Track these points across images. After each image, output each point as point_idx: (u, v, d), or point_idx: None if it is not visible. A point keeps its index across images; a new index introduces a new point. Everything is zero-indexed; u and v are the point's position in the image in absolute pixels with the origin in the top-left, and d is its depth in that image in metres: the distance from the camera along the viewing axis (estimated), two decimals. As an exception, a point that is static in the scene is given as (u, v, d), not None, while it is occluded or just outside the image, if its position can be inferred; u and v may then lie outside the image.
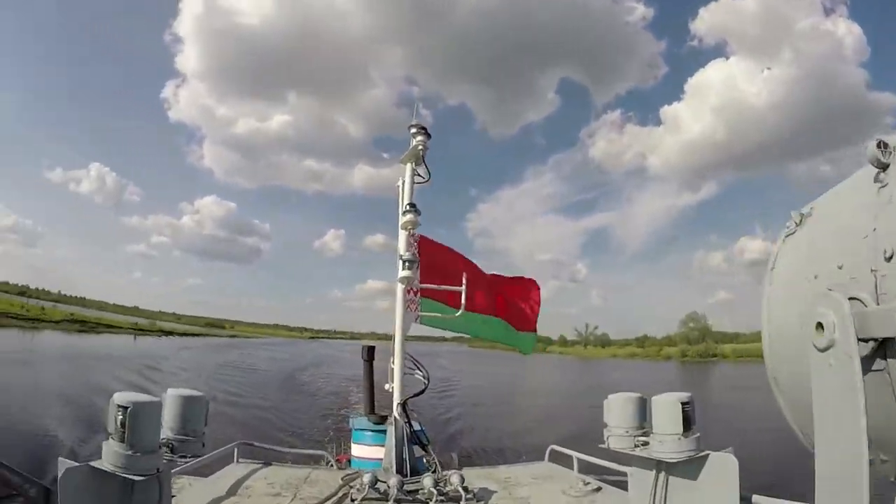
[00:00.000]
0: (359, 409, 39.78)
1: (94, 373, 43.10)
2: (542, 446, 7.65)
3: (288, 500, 5.46)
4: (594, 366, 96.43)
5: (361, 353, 16.10)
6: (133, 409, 3.29)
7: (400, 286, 7.06)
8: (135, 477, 3.24)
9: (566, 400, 47.96)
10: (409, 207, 7.10)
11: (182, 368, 56.95)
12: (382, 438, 10.90)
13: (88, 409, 27.68)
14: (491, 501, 5.60)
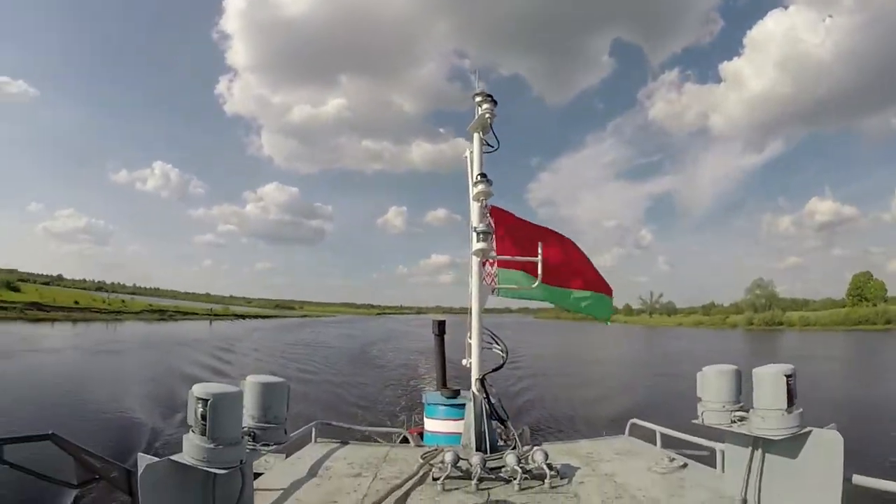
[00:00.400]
0: (426, 380, 40.64)
1: (175, 357, 45.37)
2: (613, 417, 7.35)
3: (369, 480, 5.37)
4: (659, 334, 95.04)
5: (432, 328, 16.03)
6: (213, 401, 3.19)
7: (475, 259, 6.81)
8: (217, 470, 3.16)
9: (632, 369, 47.36)
10: (480, 177, 6.76)
11: (254, 349, 59.46)
12: (456, 413, 10.81)
13: (170, 392, 29.80)
14: (575, 478, 5.37)
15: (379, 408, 30.99)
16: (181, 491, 3.25)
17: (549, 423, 23.97)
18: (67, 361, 40.31)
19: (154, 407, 23.94)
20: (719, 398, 4.29)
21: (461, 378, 22.20)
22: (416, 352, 62.48)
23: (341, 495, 4.88)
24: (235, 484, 3.69)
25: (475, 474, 5.15)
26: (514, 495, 4.92)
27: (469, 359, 6.98)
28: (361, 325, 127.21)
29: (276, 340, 72.38)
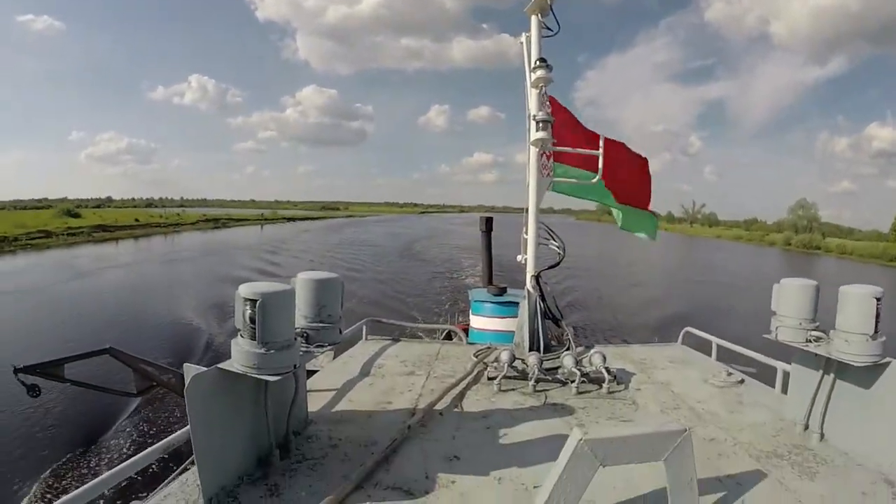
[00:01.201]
0: (467, 272, 41.34)
1: (233, 260, 49.25)
2: (654, 322, 7.07)
3: (422, 379, 5.34)
4: (697, 244, 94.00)
5: (479, 225, 15.92)
6: (263, 302, 2.89)
7: (533, 149, 6.42)
8: (269, 377, 2.92)
9: (670, 274, 47.46)
10: (540, 62, 6.24)
11: (303, 249, 62.01)
12: (502, 310, 10.84)
13: (226, 295, 31.68)
14: (631, 384, 5.27)
15: (426, 305, 31.60)
16: (231, 399, 3.06)
17: (590, 324, 24.29)
18: (145, 273, 43.49)
19: (218, 305, 26.95)
20: (797, 314, 3.95)
21: (503, 274, 21.91)
22: (458, 248, 65.05)
23: (395, 394, 4.85)
24: (289, 388, 3.56)
25: (532, 375, 5.08)
26: (572, 399, 4.84)
27: (524, 255, 6.71)
28: (405, 224, 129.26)
29: (324, 240, 75.52)
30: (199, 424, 2.77)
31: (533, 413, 4.46)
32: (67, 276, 39.94)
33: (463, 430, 4.07)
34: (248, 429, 3.23)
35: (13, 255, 52.84)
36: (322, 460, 3.50)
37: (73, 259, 50.30)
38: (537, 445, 3.79)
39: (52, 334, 22.29)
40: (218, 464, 2.97)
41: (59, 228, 72.69)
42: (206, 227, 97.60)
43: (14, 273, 42.15)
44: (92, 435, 13.07)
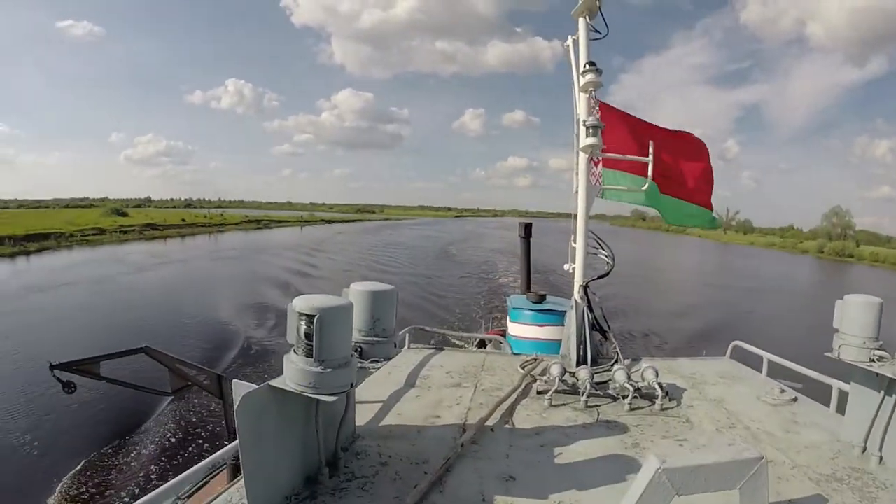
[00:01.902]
0: (501, 273, 41.28)
1: (274, 259, 52.19)
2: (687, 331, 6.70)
3: (470, 391, 5.06)
4: (729, 251, 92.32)
5: (518, 230, 15.59)
6: (321, 317, 2.64)
7: (582, 156, 6.09)
8: (326, 397, 2.68)
9: (696, 278, 47.08)
10: (589, 66, 5.94)
11: (342, 249, 64.58)
12: (541, 318, 10.52)
13: (284, 283, 33.64)
14: (683, 401, 4.95)
15: (463, 302, 32.97)
16: (281, 416, 2.83)
17: (623, 333, 23.77)
18: (201, 268, 46.97)
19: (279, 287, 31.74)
20: (861, 332, 3.68)
21: (538, 283, 21.39)
22: (493, 251, 66.79)
23: (443, 408, 4.59)
24: (339, 402, 3.28)
25: (584, 391, 4.79)
26: (624, 416, 4.56)
27: (572, 264, 6.36)
28: (441, 227, 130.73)
29: (362, 241, 77.58)
30: (249, 443, 2.59)
31: (586, 431, 4.20)
32: (129, 270, 43.54)
33: (516, 447, 3.83)
34: (297, 446, 3.03)
35: (69, 250, 55.69)
36: (373, 479, 3.28)
37: (128, 255, 53.71)
38: (594, 467, 3.54)
39: (126, 318, 25.48)
40: (266, 484, 2.78)
41: (111, 226, 75.85)
42: (248, 228, 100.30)
43: (77, 265, 45.73)
44: (126, 429, 13.44)
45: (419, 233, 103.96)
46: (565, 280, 6.71)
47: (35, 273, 41.63)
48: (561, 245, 6.91)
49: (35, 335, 21.90)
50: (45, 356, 17.57)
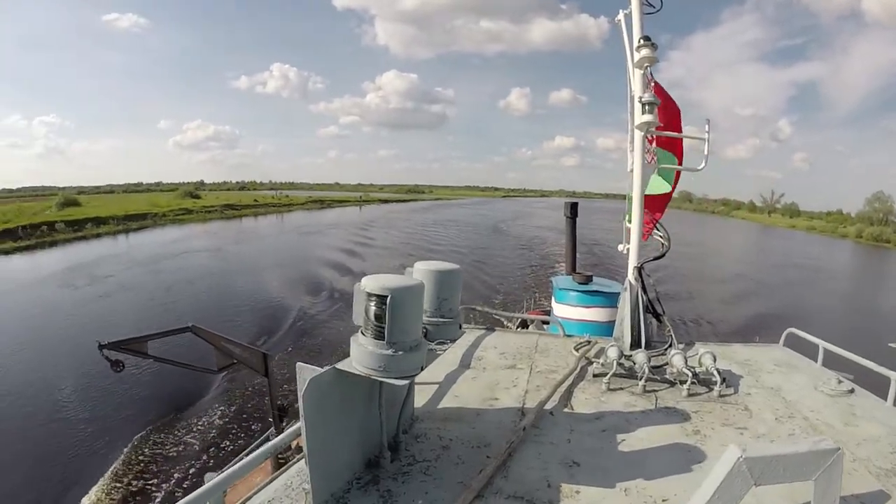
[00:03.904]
0: (550, 246, 40.80)
1: (355, 231, 56.53)
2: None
3: (525, 373, 4.90)
4: (768, 234, 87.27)
5: (564, 210, 15.01)
6: (393, 298, 2.42)
7: (638, 133, 5.67)
8: (397, 381, 2.51)
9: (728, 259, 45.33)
10: (644, 41, 5.51)
11: (404, 225, 67.33)
12: (587, 299, 10.09)
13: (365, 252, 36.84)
14: (741, 388, 4.65)
15: (514, 273, 33.75)
16: (345, 399, 2.68)
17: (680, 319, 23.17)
18: (288, 241, 50.09)
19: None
20: None
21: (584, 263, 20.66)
22: (541, 227, 67.63)
23: (500, 390, 4.45)
24: (402, 386, 3.06)
25: (642, 375, 4.58)
26: (682, 402, 4.33)
27: (626, 244, 6.00)
28: (491, 206, 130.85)
29: (420, 219, 79.96)
30: (314, 427, 2.45)
31: (646, 417, 4.01)
32: (230, 242, 48.33)
33: (577, 432, 3.67)
34: (359, 429, 2.90)
35: (163, 228, 59.08)
36: (434, 463, 3.15)
37: (218, 231, 57.92)
38: (657, 454, 3.36)
39: (250, 278, 30.36)
40: (329, 468, 2.66)
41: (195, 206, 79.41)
42: (313, 207, 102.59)
43: (180, 240, 49.50)
44: (186, 402, 13.78)
45: (472, 211, 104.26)
46: (605, 253, 6.38)
47: (151, 246, 45.14)
48: (606, 224, 6.57)
49: (177, 291, 26.94)
50: (195, 304, 21.77)
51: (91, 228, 53.36)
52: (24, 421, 12.80)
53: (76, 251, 42.62)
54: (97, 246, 45.86)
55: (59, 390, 14.15)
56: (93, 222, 55.32)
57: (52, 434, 12.22)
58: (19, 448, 11.62)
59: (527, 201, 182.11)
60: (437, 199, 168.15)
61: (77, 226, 53.08)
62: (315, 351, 18.06)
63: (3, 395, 14.05)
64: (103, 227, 54.74)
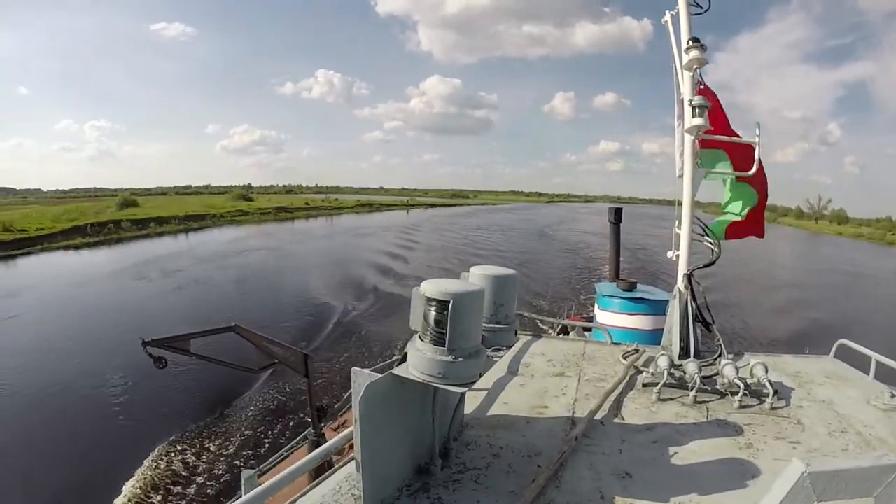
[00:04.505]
0: (590, 253, 40.46)
1: (405, 233, 58.77)
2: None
3: (574, 381, 4.74)
4: (813, 241, 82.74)
5: (608, 216, 14.53)
6: (454, 304, 2.31)
7: (688, 137, 5.35)
8: (456, 388, 2.39)
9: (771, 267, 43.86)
10: (692, 42, 5.21)
11: (452, 228, 69.23)
12: (631, 307, 9.71)
13: (375, 263, 37.11)
14: (792, 401, 4.39)
15: (559, 276, 34.25)
16: (399, 404, 2.59)
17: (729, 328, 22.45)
18: (343, 241, 52.94)
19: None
20: None
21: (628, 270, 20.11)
22: (586, 232, 67.90)
23: (549, 398, 4.31)
24: (455, 393, 2.92)
25: (693, 385, 4.36)
26: (734, 414, 4.09)
27: (676, 251, 5.68)
28: (536, 211, 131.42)
29: (467, 223, 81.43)
30: (368, 433, 2.37)
31: (697, 428, 3.80)
32: (287, 242, 51.08)
33: (628, 442, 3.51)
34: (411, 435, 2.81)
35: (220, 228, 61.67)
36: (486, 471, 3.03)
37: (275, 232, 60.64)
38: (711, 467, 3.18)
39: (311, 274, 32.53)
40: (381, 474, 2.57)
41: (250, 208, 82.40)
42: (362, 211, 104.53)
43: (242, 239, 52.43)
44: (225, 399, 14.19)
45: (517, 216, 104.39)
46: (648, 258, 6.06)
47: (212, 244, 47.91)
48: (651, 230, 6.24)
49: (245, 285, 29.46)
50: (261, 297, 24.69)
51: (154, 227, 56.32)
52: (84, 406, 13.71)
53: (142, 248, 45.66)
54: (161, 243, 48.85)
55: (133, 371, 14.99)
56: (155, 221, 58.33)
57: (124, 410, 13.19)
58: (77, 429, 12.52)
59: (571, 206, 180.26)
60: (482, 204, 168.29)
61: (141, 224, 56.06)
62: (364, 348, 18.70)
63: (84, 376, 15.15)
64: (166, 227, 57.67)
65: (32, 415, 13.16)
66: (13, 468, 10.84)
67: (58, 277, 32.53)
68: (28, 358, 17.00)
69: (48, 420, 12.91)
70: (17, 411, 13.38)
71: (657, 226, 69.48)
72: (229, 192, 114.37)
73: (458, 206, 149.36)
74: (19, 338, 19.51)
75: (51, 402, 13.85)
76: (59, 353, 17.37)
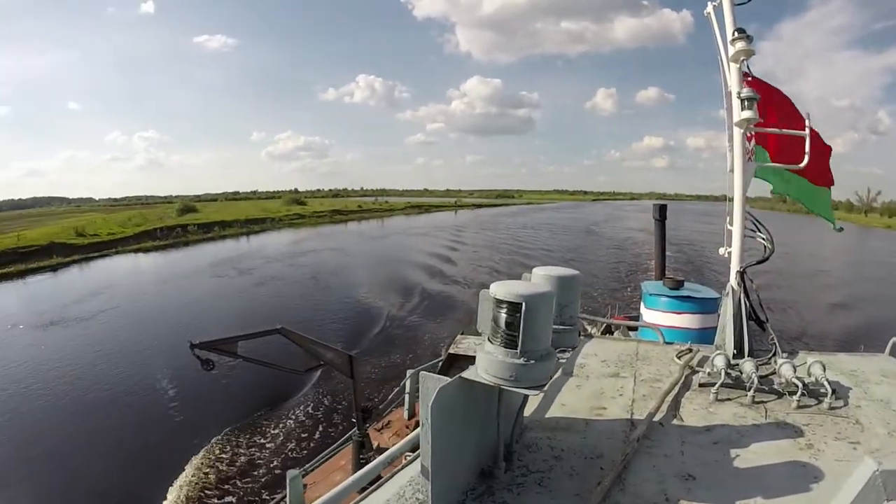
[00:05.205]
0: (638, 249, 39.63)
1: (456, 233, 60.28)
2: None
3: (630, 382, 4.59)
4: (863, 235, 77.33)
5: (653, 213, 14.02)
6: (528, 306, 2.24)
7: (737, 131, 5.12)
8: (528, 392, 2.32)
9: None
10: (738, 33, 4.97)
11: (502, 227, 69.65)
12: (678, 305, 9.32)
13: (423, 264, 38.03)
14: (850, 401, 4.15)
15: (607, 271, 34.42)
16: (468, 409, 2.53)
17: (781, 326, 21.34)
18: (403, 241, 55.04)
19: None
20: None
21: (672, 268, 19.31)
22: (632, 229, 67.06)
23: (606, 399, 4.18)
24: (519, 395, 2.79)
25: (750, 385, 4.16)
26: (792, 414, 3.90)
27: (728, 248, 5.47)
28: (582, 210, 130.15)
29: (515, 221, 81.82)
30: (437, 437, 2.30)
31: (757, 430, 3.66)
32: (348, 242, 53.63)
33: (688, 444, 3.39)
34: (476, 439, 2.75)
35: (279, 231, 63.92)
36: (548, 474, 2.95)
37: (333, 234, 62.85)
38: (773, 469, 3.06)
39: (374, 272, 34.43)
40: (447, 479, 2.51)
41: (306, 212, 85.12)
42: (412, 213, 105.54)
43: (303, 240, 54.57)
44: (282, 397, 14.61)
45: (563, 214, 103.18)
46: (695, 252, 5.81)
47: (276, 246, 50.31)
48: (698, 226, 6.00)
49: (320, 280, 31.64)
50: (333, 290, 27.08)
51: (218, 231, 59.08)
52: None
53: (210, 249, 48.34)
54: (225, 246, 51.60)
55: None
56: (219, 225, 61.11)
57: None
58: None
59: (617, 204, 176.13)
60: (527, 204, 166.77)
61: (206, 228, 58.91)
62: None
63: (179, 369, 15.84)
64: (228, 230, 60.23)
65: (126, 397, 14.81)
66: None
67: (140, 275, 35.68)
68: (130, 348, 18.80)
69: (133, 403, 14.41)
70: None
71: (701, 221, 68.13)
72: (282, 197, 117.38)
73: (504, 205, 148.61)
74: (113, 333, 21.31)
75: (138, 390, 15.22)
76: (152, 344, 18.83)
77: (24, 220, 67.80)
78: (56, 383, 15.72)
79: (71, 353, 18.36)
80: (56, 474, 10.97)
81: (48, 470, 11.09)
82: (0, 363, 17.52)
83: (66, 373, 16.49)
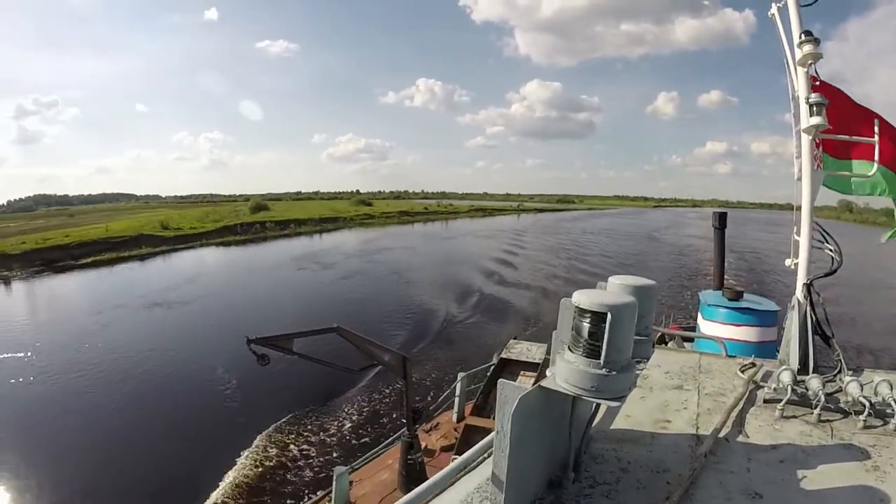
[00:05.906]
0: (699, 255, 37.54)
1: (519, 236, 60.97)
2: None
3: (694, 395, 4.39)
4: None
5: (712, 221, 13.26)
6: (613, 316, 2.20)
7: (805, 138, 4.84)
8: (611, 402, 2.27)
9: None
10: (805, 36, 4.72)
11: (566, 231, 69.56)
12: (737, 317, 8.80)
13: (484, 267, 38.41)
14: None
15: (667, 275, 33.92)
16: (543, 418, 2.48)
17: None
18: (474, 242, 56.66)
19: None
20: None
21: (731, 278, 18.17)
22: (693, 236, 64.78)
23: (671, 412, 4.05)
24: (590, 404, 2.75)
25: (817, 402, 3.90)
26: (859, 434, 3.64)
27: (795, 259, 5.18)
28: (644, 216, 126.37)
29: (578, 227, 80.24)
30: (513, 446, 2.24)
31: (823, 449, 3.50)
32: (418, 242, 55.34)
33: (755, 461, 3.28)
34: (547, 448, 2.70)
35: (350, 230, 66.32)
36: (616, 486, 2.90)
37: (402, 234, 64.83)
38: (840, 491, 2.93)
39: (445, 270, 35.82)
40: (518, 489, 2.44)
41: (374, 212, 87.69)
42: (476, 215, 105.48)
43: (376, 239, 56.53)
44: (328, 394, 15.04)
45: (625, 221, 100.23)
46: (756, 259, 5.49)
47: (351, 244, 52.46)
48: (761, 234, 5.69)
49: (402, 275, 33.78)
50: (412, 285, 29.22)
51: (294, 228, 61.83)
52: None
53: (288, 245, 50.88)
54: (301, 242, 54.17)
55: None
56: (294, 223, 63.92)
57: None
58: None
59: (679, 211, 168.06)
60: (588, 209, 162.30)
61: (283, 225, 61.80)
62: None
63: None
64: (303, 227, 62.89)
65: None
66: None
67: (230, 266, 38.27)
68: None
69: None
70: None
71: (765, 230, 65.39)
72: (343, 197, 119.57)
73: (565, 210, 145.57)
74: (211, 316, 23.77)
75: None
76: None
77: (97, 214, 74.61)
78: (167, 354, 18.54)
79: (174, 332, 21.33)
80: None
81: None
82: (126, 335, 20.75)
83: (167, 346, 19.28)
